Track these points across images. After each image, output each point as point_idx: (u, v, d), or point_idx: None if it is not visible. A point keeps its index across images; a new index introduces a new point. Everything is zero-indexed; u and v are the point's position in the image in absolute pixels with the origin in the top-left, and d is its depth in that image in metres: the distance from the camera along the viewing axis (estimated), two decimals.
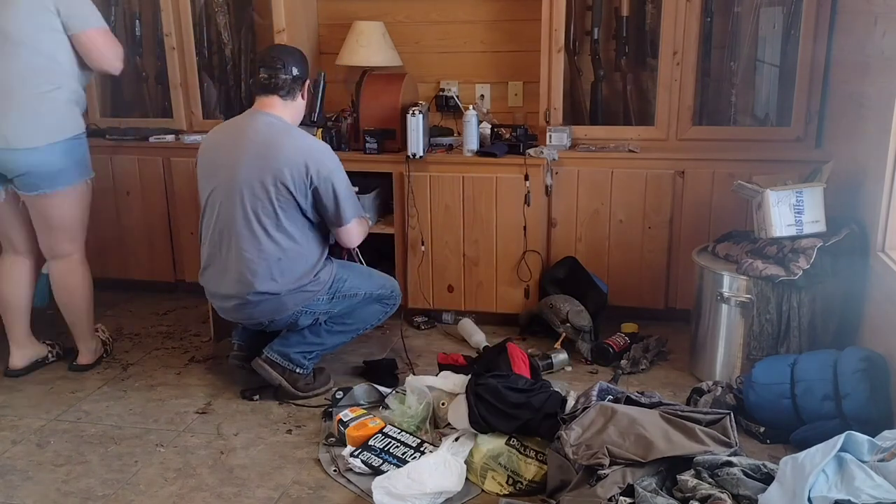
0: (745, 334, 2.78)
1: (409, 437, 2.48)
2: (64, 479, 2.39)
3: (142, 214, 3.76)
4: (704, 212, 3.26)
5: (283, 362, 2.81)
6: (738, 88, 3.43)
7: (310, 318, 2.78)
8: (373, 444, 2.43)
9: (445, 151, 3.42)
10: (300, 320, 2.77)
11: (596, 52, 3.53)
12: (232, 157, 2.66)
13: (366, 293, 2.84)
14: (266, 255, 2.64)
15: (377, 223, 3.45)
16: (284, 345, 2.82)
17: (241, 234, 2.64)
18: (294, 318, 2.75)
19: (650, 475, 2.02)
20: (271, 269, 2.65)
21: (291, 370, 2.81)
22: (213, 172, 2.72)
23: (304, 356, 2.83)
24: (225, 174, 2.67)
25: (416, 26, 3.71)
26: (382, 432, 2.49)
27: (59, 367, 3.14)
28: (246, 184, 2.62)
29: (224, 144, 2.73)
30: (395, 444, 2.44)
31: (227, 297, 2.74)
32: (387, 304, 2.93)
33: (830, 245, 2.64)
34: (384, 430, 2.50)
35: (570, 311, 3.16)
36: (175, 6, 3.67)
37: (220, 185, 2.69)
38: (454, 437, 2.39)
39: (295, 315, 2.74)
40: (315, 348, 2.85)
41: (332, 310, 2.80)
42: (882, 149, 2.47)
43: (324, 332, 2.83)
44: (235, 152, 2.66)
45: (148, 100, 4.06)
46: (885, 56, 2.52)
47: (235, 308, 2.74)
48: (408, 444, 2.44)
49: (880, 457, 1.75)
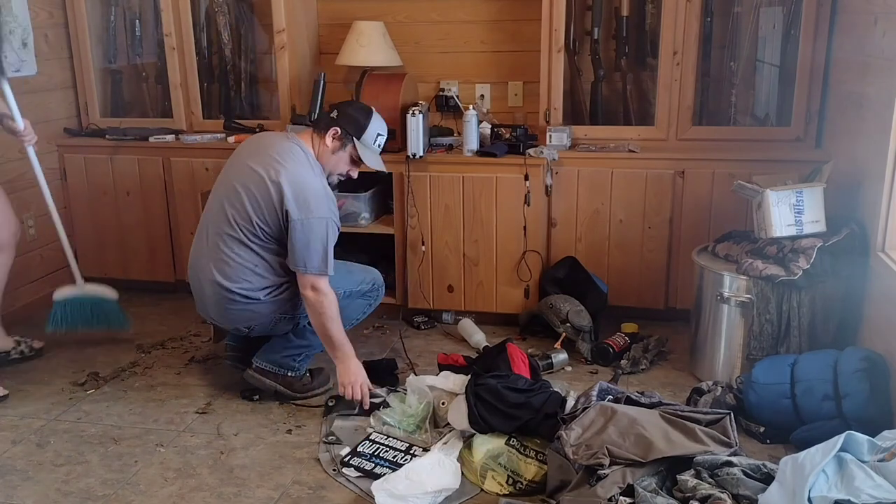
0: (745, 334, 2.78)
1: (398, 442, 2.50)
2: (64, 479, 2.39)
3: (142, 214, 3.76)
4: (704, 212, 3.26)
5: (273, 368, 2.80)
6: (738, 88, 3.44)
7: (289, 324, 2.77)
8: (362, 449, 2.45)
9: (445, 151, 3.42)
10: (279, 326, 2.76)
11: (596, 52, 3.53)
12: (242, 157, 2.73)
13: (346, 292, 2.80)
14: (242, 260, 2.64)
15: (375, 223, 3.46)
16: (271, 350, 2.81)
17: (221, 233, 2.65)
18: (273, 324, 2.74)
19: (650, 475, 2.02)
20: (245, 274, 2.64)
21: (283, 375, 2.81)
22: (225, 167, 2.78)
23: (293, 359, 2.81)
24: (229, 170, 2.73)
25: (416, 26, 3.71)
26: (370, 439, 2.51)
27: (60, 366, 3.15)
28: (237, 181, 2.65)
29: (249, 144, 2.82)
30: (384, 448, 2.47)
31: (203, 293, 2.73)
32: (370, 297, 2.92)
33: (830, 245, 2.64)
34: (371, 437, 2.52)
35: (570, 311, 3.16)
36: (175, 6, 3.67)
37: (220, 179, 2.74)
38: (443, 440, 2.41)
39: (273, 321, 2.73)
40: (302, 350, 2.83)
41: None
42: (882, 149, 2.47)
43: (308, 334, 2.80)
44: (245, 154, 2.73)
45: (148, 100, 4.06)
46: (885, 56, 2.52)
47: (215, 305, 2.71)
48: (397, 448, 2.47)
49: (880, 457, 1.75)
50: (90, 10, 3.83)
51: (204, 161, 3.62)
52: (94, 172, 3.77)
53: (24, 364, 3.19)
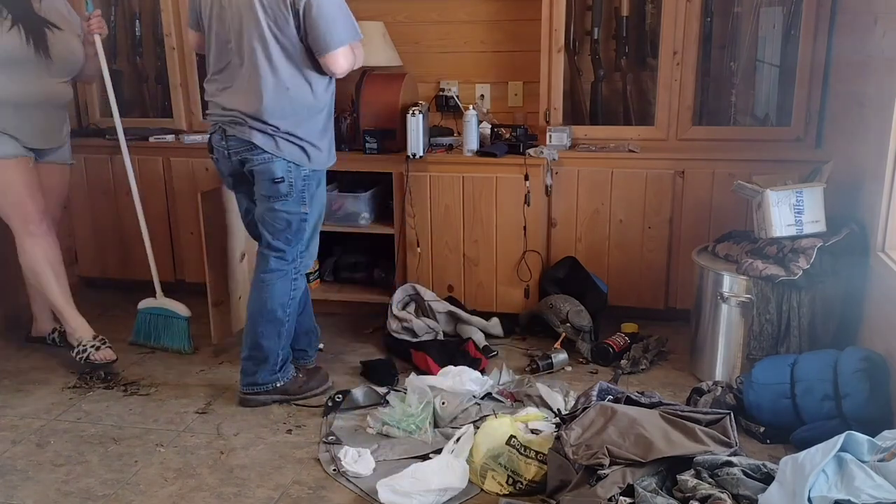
0: (745, 334, 2.78)
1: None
2: (64, 479, 2.39)
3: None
4: (704, 212, 3.26)
5: (257, 389, 2.79)
6: (738, 88, 3.44)
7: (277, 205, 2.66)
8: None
9: (445, 151, 3.42)
10: (279, 189, 2.64)
11: (596, 52, 3.53)
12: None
13: (309, 233, 2.77)
14: (277, 81, 2.57)
15: (375, 223, 3.46)
16: (248, 374, 2.79)
17: (255, 51, 2.56)
18: (271, 179, 2.63)
19: (650, 475, 2.02)
20: (279, 96, 2.59)
21: (271, 388, 2.80)
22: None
23: (270, 373, 2.79)
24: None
25: (416, 26, 3.71)
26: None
27: (60, 366, 3.15)
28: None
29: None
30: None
31: (227, 111, 2.63)
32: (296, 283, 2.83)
33: (830, 245, 2.64)
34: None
35: (570, 311, 3.16)
36: (175, 6, 3.67)
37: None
38: (455, 439, 2.39)
39: (274, 176, 2.63)
40: (272, 360, 2.78)
41: (291, 221, 2.69)
42: (882, 149, 2.47)
43: (265, 342, 2.75)
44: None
45: (148, 100, 4.07)
46: (885, 56, 2.52)
47: (229, 124, 2.63)
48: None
49: (880, 457, 1.75)
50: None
51: (204, 161, 3.62)
52: (93, 172, 3.77)
53: (25, 363, 3.19)
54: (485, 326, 3.30)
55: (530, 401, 2.71)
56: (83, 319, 3.14)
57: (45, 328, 3.35)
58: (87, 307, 3.56)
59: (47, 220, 3.06)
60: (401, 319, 3.20)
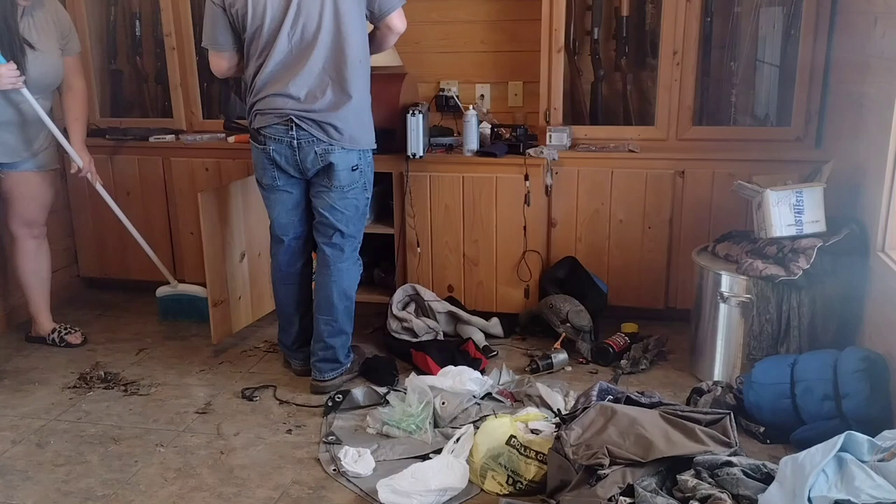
0: (745, 334, 2.78)
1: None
2: (64, 479, 2.39)
3: (142, 214, 3.75)
4: (704, 212, 3.26)
5: (333, 375, 2.87)
6: (738, 88, 3.44)
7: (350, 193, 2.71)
8: None
9: (445, 151, 3.42)
10: (354, 177, 2.69)
11: (596, 52, 3.53)
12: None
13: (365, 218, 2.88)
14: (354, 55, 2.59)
15: (374, 223, 3.46)
16: (327, 360, 2.87)
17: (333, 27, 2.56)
18: (350, 168, 2.67)
19: (650, 475, 2.02)
20: (356, 71, 2.59)
21: (344, 371, 2.91)
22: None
23: (345, 355, 2.91)
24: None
25: (416, 26, 3.69)
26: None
27: (60, 366, 3.15)
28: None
29: None
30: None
31: (299, 102, 2.58)
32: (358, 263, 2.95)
33: (830, 245, 2.64)
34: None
35: (570, 311, 3.16)
36: (175, 6, 3.68)
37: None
38: (455, 439, 2.39)
39: (345, 168, 2.66)
40: (348, 342, 2.91)
41: (359, 206, 2.78)
42: (882, 149, 2.47)
43: (345, 326, 2.88)
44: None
45: (148, 100, 4.07)
46: (885, 56, 2.52)
47: (301, 117, 2.60)
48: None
49: (880, 457, 1.75)
50: (90, 10, 3.84)
51: (204, 161, 3.62)
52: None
53: (25, 363, 3.19)
54: (485, 326, 3.30)
55: (530, 401, 2.72)
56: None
57: (45, 328, 3.35)
58: (88, 307, 3.58)
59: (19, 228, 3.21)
60: (401, 319, 3.20)
